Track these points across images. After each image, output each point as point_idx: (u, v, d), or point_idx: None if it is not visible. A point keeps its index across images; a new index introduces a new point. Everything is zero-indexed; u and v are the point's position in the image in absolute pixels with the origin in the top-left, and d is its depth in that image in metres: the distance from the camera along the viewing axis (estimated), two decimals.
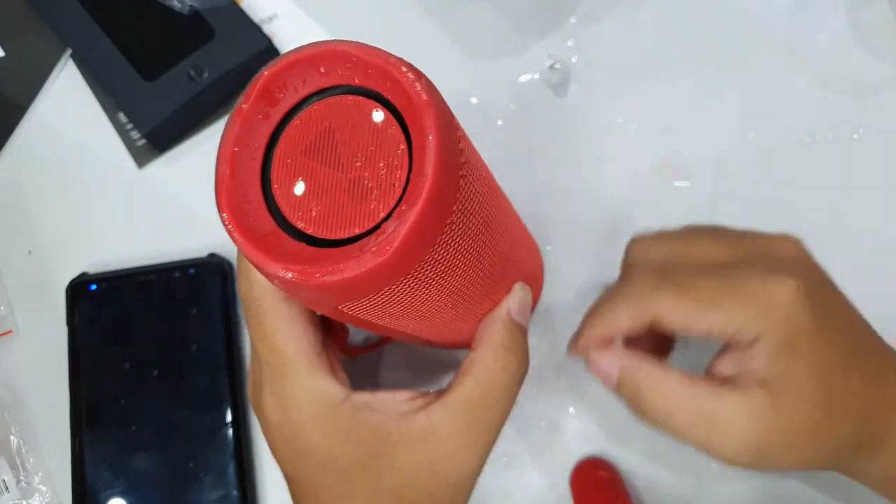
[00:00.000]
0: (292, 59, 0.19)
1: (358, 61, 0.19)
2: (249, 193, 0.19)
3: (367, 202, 0.18)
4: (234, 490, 0.34)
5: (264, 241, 0.18)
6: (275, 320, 0.23)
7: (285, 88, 0.19)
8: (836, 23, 0.39)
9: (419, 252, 0.18)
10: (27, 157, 0.40)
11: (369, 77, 0.19)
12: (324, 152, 0.18)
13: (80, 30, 0.40)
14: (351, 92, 0.19)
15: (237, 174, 0.19)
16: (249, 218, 0.18)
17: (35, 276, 0.38)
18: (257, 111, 0.19)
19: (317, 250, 0.18)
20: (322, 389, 0.23)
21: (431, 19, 0.41)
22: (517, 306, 0.24)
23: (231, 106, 0.40)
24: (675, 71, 0.39)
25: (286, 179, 0.18)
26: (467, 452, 0.24)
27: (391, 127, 0.18)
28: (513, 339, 0.24)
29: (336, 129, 0.19)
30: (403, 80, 0.18)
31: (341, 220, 0.18)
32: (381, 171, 0.18)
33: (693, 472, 0.34)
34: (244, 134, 0.19)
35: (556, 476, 0.34)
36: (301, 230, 0.18)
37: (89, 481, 0.34)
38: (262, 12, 0.41)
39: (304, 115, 0.19)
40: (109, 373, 0.35)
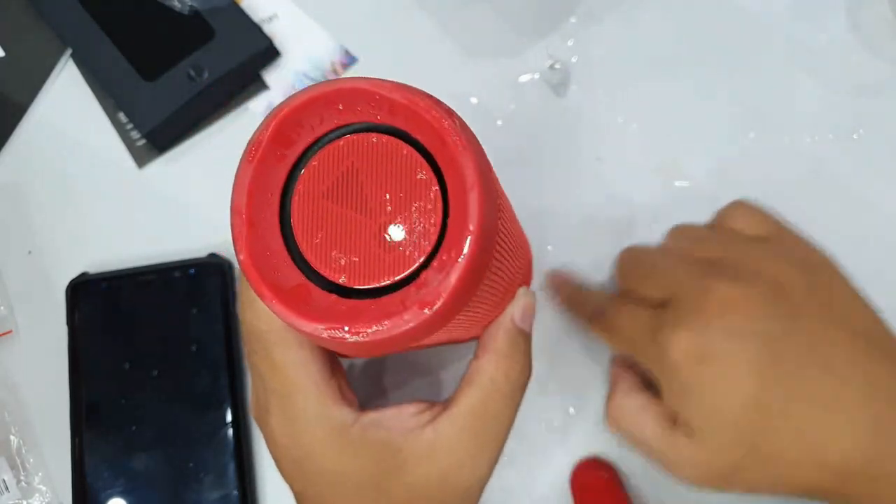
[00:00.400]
0: (308, 98, 0.18)
1: (381, 99, 0.17)
2: (271, 244, 0.17)
3: (399, 251, 0.17)
4: (233, 490, 0.34)
5: (294, 296, 0.17)
6: (284, 351, 0.23)
7: (301, 128, 0.18)
8: (836, 23, 0.39)
9: (464, 300, 0.17)
10: (27, 156, 0.40)
11: (394, 115, 0.17)
12: (347, 195, 0.17)
13: (80, 30, 0.40)
14: (373, 129, 0.18)
15: (256, 225, 0.17)
16: (275, 271, 0.17)
17: (35, 276, 0.38)
18: (272, 153, 0.18)
19: (351, 302, 0.17)
20: (332, 416, 0.23)
21: (431, 19, 0.41)
22: (521, 313, 0.24)
23: (232, 106, 0.40)
24: (675, 71, 0.39)
25: (309, 226, 0.17)
26: (475, 462, 0.24)
27: (421, 168, 0.17)
28: (515, 347, 0.24)
29: (359, 170, 0.17)
30: (436, 123, 0.17)
31: (373, 268, 0.17)
32: (414, 215, 0.17)
33: None
34: (259, 179, 0.18)
35: (556, 476, 0.34)
36: (330, 280, 0.17)
37: (89, 481, 0.34)
38: (262, 12, 0.41)
39: (323, 154, 0.18)
40: (109, 373, 0.35)
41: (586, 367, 0.35)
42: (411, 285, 0.17)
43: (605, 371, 0.35)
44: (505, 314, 0.24)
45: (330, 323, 0.17)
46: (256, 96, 0.40)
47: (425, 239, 0.17)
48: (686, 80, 0.39)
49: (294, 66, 0.41)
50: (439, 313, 0.16)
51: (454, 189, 0.17)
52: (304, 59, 0.41)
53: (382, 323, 0.16)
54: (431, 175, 0.17)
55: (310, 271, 0.17)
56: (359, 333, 0.16)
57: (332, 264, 0.17)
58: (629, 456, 0.34)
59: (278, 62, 0.41)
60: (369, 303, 0.17)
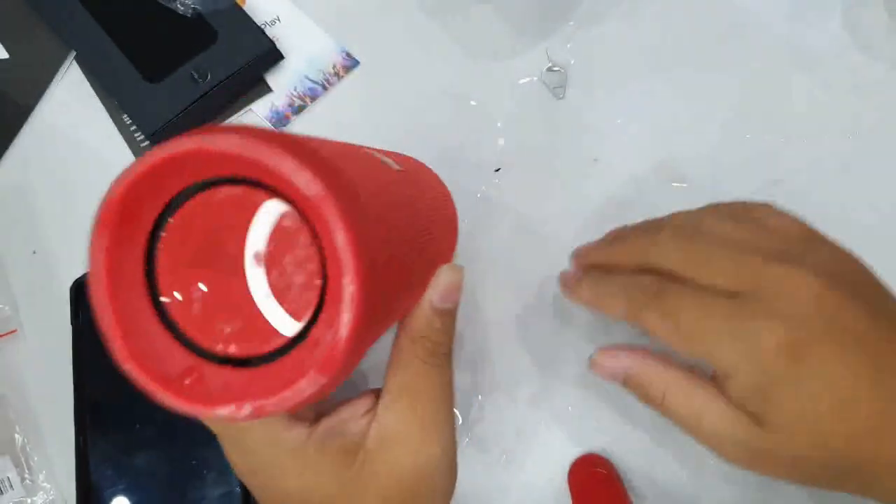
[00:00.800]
0: (141, 171, 0.15)
1: (212, 155, 0.15)
2: (149, 330, 0.16)
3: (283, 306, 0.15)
4: (236, 487, 0.34)
5: (185, 381, 0.15)
6: None
7: (143, 200, 0.16)
8: (833, 24, 0.39)
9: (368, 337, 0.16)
10: (32, 158, 0.40)
11: (236, 167, 0.15)
12: (214, 258, 0.16)
13: (83, 32, 0.40)
14: (221, 182, 0.16)
15: (127, 319, 0.16)
16: (160, 360, 0.16)
17: (40, 275, 0.39)
18: (121, 239, 0.16)
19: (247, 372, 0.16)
20: (283, 440, 0.23)
21: (431, 21, 0.41)
22: (439, 295, 0.23)
23: (235, 108, 0.40)
24: (673, 72, 0.39)
25: (183, 300, 0.16)
26: (423, 440, 0.24)
27: (285, 216, 0.15)
28: (429, 327, 0.24)
29: (220, 229, 0.16)
30: (282, 168, 0.15)
31: (260, 332, 0.16)
32: (288, 268, 0.15)
33: (690, 468, 0.34)
34: (115, 270, 0.16)
35: (554, 473, 0.34)
36: (219, 354, 0.16)
37: (93, 479, 0.34)
38: (264, 15, 0.42)
39: (175, 221, 0.16)
40: (113, 371, 0.35)
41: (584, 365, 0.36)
42: (306, 344, 0.15)
43: None
44: (423, 298, 0.23)
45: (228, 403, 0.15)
46: (259, 99, 0.40)
47: (308, 290, 0.15)
48: (683, 81, 0.39)
49: (296, 69, 0.41)
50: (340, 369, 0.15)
51: (322, 231, 0.15)
52: (307, 61, 0.41)
53: (283, 393, 0.15)
54: (298, 220, 0.15)
55: (196, 349, 0.16)
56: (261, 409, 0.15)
57: (217, 336, 0.16)
58: (627, 453, 0.34)
59: (281, 65, 0.41)
60: (265, 369, 0.16)
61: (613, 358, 0.28)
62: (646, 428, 0.35)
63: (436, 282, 0.23)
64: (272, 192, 0.15)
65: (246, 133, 0.15)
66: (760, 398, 0.24)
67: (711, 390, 0.26)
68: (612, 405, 0.35)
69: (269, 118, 0.40)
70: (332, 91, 0.40)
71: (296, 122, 0.40)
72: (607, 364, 0.28)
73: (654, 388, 0.27)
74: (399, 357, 0.24)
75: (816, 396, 0.24)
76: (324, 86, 0.41)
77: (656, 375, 0.27)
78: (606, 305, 0.29)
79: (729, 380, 0.25)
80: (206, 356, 0.16)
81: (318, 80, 0.41)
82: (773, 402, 0.24)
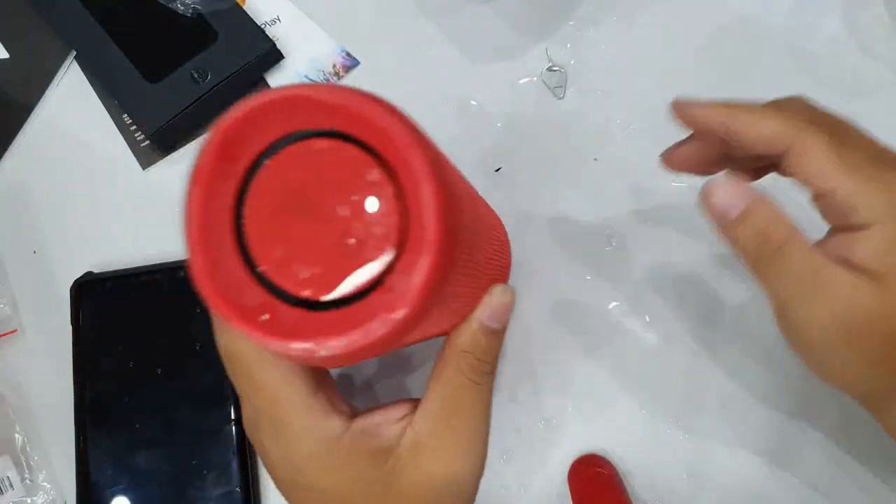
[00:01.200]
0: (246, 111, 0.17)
1: (318, 104, 0.17)
2: (229, 265, 0.17)
3: (361, 255, 0.16)
4: (236, 487, 0.34)
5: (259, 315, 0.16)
6: (265, 369, 0.22)
7: (243, 143, 0.17)
8: (833, 24, 0.40)
9: (432, 300, 0.17)
10: (32, 157, 0.40)
11: (335, 119, 0.17)
12: (301, 206, 0.17)
13: (84, 32, 0.40)
14: (316, 135, 0.17)
15: (211, 247, 0.17)
16: (237, 293, 0.17)
17: (40, 275, 0.39)
18: (218, 173, 0.17)
19: (319, 315, 0.16)
20: (321, 429, 0.23)
21: (431, 22, 0.41)
22: (489, 313, 0.23)
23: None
24: (672, 72, 0.39)
25: (266, 242, 0.17)
26: (457, 455, 0.24)
27: (371, 169, 0.16)
28: (476, 343, 0.24)
29: (308, 179, 0.17)
30: (378, 121, 0.16)
31: (336, 278, 0.16)
32: (371, 218, 0.16)
33: (690, 469, 0.34)
34: (209, 201, 0.17)
35: (554, 473, 0.34)
36: (294, 295, 0.17)
37: (93, 479, 0.34)
38: (264, 15, 0.42)
39: (269, 167, 0.17)
40: (114, 371, 0.35)
41: (584, 365, 0.36)
42: (377, 291, 0.16)
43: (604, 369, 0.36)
44: (472, 316, 0.23)
45: (298, 339, 0.16)
46: None
47: (386, 241, 0.16)
48: (683, 81, 0.39)
49: (297, 69, 0.41)
50: (408, 318, 0.16)
51: (408, 186, 0.16)
52: (307, 61, 0.41)
53: (351, 334, 0.16)
54: (384, 175, 0.16)
55: (273, 288, 0.17)
56: (328, 347, 0.16)
57: (294, 279, 0.16)
58: (627, 453, 0.34)
59: (281, 64, 0.41)
60: (336, 314, 0.16)
61: (736, 186, 0.24)
62: (646, 428, 0.35)
63: (487, 300, 0.23)
64: (363, 148, 0.17)
65: (347, 89, 0.17)
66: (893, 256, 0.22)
67: (835, 243, 0.24)
68: (613, 405, 0.35)
69: None
70: None
71: None
72: (728, 191, 0.24)
73: (778, 231, 0.23)
74: (443, 370, 0.24)
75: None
76: None
77: (782, 219, 0.24)
78: (746, 122, 0.25)
79: (867, 231, 0.23)
80: (280, 296, 0.17)
81: (319, 79, 0.41)
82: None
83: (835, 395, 0.34)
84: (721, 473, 0.34)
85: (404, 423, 0.24)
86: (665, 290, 0.37)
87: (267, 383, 0.23)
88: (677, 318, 0.36)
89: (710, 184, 0.25)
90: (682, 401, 0.35)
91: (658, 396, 0.35)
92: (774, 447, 0.34)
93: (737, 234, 0.24)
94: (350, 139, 0.17)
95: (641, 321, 0.36)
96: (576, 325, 0.36)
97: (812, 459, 0.34)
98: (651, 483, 0.34)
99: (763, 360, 0.35)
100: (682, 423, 0.35)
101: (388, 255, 0.16)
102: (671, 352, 0.36)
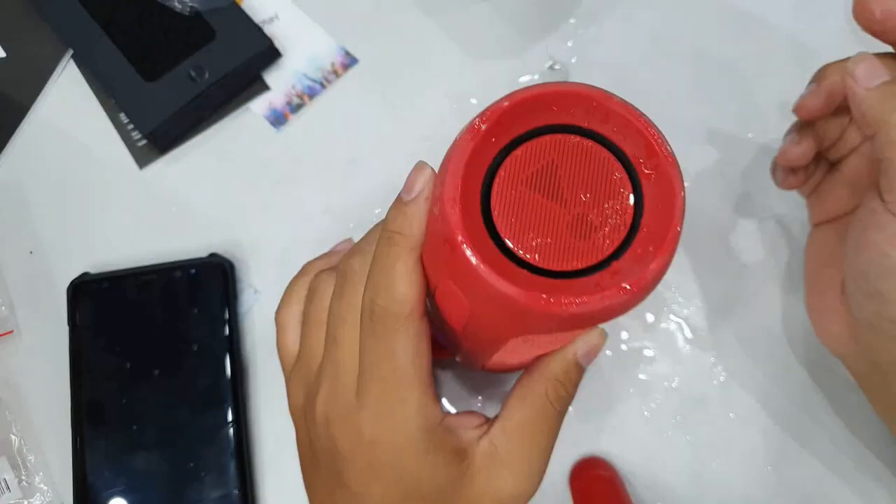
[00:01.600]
0: (529, 95, 0.20)
1: (597, 106, 0.20)
2: (473, 216, 0.19)
3: (592, 239, 0.19)
4: (234, 489, 0.34)
5: (494, 264, 0.18)
6: (406, 339, 0.23)
7: (515, 120, 0.20)
8: (836, 23, 0.39)
9: (652, 288, 0.19)
10: (29, 157, 0.40)
11: (605, 122, 0.20)
12: (546, 185, 0.19)
13: (81, 30, 0.40)
14: (577, 132, 0.20)
15: (465, 195, 0.19)
16: (479, 245, 0.19)
17: (36, 275, 0.38)
18: (487, 138, 0.19)
19: (542, 280, 0.18)
20: (430, 411, 0.24)
21: (431, 20, 0.41)
22: (585, 350, 0.24)
23: (232, 107, 0.40)
24: (674, 71, 0.39)
25: (507, 206, 0.19)
26: (525, 476, 0.25)
27: (617, 171, 0.19)
28: (567, 376, 0.25)
29: (559, 165, 0.19)
30: (647, 133, 0.19)
31: (565, 253, 0.19)
32: (608, 211, 0.19)
33: (691, 471, 0.34)
34: (474, 157, 0.19)
35: (555, 475, 0.34)
36: (523, 258, 0.19)
37: (90, 480, 0.34)
38: (262, 13, 0.41)
39: (529, 146, 0.19)
40: (110, 372, 0.35)
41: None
42: (605, 271, 0.18)
43: (605, 370, 0.35)
44: (569, 347, 0.24)
45: (530, 291, 0.18)
46: (257, 97, 0.40)
47: (617, 234, 0.19)
48: (685, 80, 0.39)
49: (295, 67, 0.41)
50: (636, 295, 0.18)
51: (654, 194, 0.19)
52: (305, 59, 0.41)
53: (582, 297, 0.18)
54: (626, 179, 0.19)
55: (504, 248, 0.19)
56: (560, 304, 0.18)
57: (525, 244, 0.19)
58: (628, 455, 0.34)
59: (279, 63, 0.41)
60: (561, 282, 0.18)
61: (874, 66, 0.26)
62: (648, 430, 0.35)
63: (586, 338, 0.24)
64: (611, 151, 0.19)
65: (616, 97, 0.20)
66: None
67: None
68: (614, 407, 0.35)
69: (268, 117, 0.40)
70: (331, 89, 0.40)
71: (294, 121, 0.40)
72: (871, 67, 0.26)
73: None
74: (528, 392, 0.25)
75: None
76: (322, 84, 0.40)
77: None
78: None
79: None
80: (509, 257, 0.19)
81: (317, 78, 0.40)
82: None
83: (836, 398, 0.34)
84: (722, 476, 0.34)
85: (479, 432, 0.25)
86: (666, 290, 0.36)
87: (405, 350, 0.23)
88: (678, 318, 0.36)
89: (857, 58, 0.27)
90: (682, 402, 0.35)
91: (659, 398, 0.35)
92: (776, 449, 0.34)
93: (867, 101, 0.26)
94: (605, 144, 0.19)
95: (642, 322, 0.36)
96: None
97: (813, 461, 0.34)
98: (652, 485, 0.34)
99: (764, 360, 0.35)
100: (684, 425, 0.34)
101: (616, 244, 0.19)
102: (672, 352, 0.35)
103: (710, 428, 0.34)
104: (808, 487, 0.34)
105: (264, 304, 0.37)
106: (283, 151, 0.39)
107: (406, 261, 0.22)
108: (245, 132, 0.40)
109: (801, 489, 0.34)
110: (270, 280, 0.37)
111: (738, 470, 0.34)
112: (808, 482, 0.34)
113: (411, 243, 0.22)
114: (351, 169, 0.39)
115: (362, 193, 0.38)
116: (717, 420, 0.34)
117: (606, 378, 0.35)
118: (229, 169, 0.39)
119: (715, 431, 0.34)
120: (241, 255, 0.38)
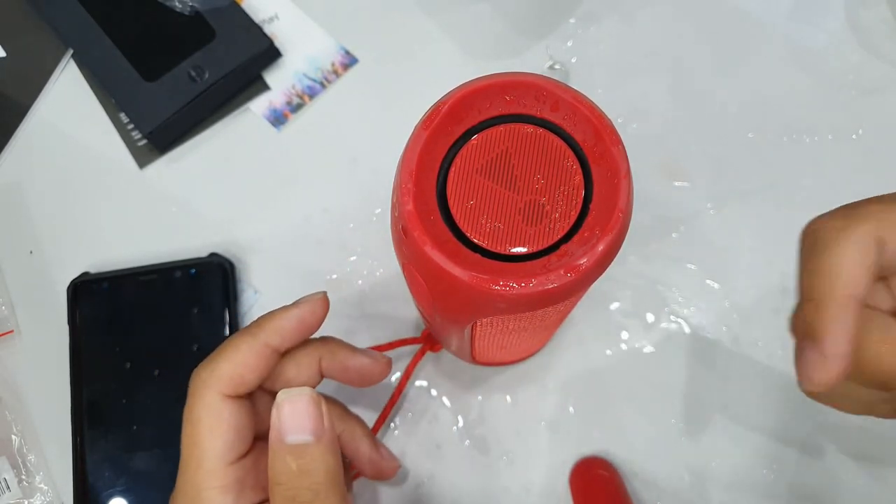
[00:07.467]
0: (483, 85, 0.20)
1: (547, 94, 0.20)
2: (428, 203, 0.20)
3: (542, 223, 0.19)
4: None
5: (445, 248, 0.19)
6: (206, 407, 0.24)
7: (470, 110, 0.20)
8: (836, 23, 0.39)
9: (598, 272, 0.20)
10: (29, 156, 0.40)
11: (555, 110, 0.20)
12: (499, 173, 0.20)
13: (81, 31, 0.40)
14: (530, 122, 0.20)
15: (419, 184, 0.20)
16: (431, 226, 0.19)
17: (36, 275, 0.38)
18: (443, 127, 0.20)
19: (493, 263, 0.19)
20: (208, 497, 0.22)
21: (430, 19, 0.41)
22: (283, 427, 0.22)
23: (232, 106, 0.40)
24: (674, 71, 0.39)
25: (462, 194, 0.20)
26: None
27: (569, 159, 0.20)
28: (284, 469, 0.22)
29: (512, 153, 0.20)
30: (596, 120, 0.20)
31: (516, 237, 0.19)
32: (558, 197, 0.19)
33: (691, 471, 0.34)
34: (428, 146, 0.20)
35: (555, 475, 0.34)
36: (475, 242, 0.19)
37: (90, 480, 0.34)
38: (262, 13, 0.41)
39: (483, 135, 0.20)
40: (110, 372, 0.35)
41: (586, 366, 0.35)
42: (553, 255, 0.19)
43: (605, 370, 0.35)
44: (271, 433, 0.22)
45: (478, 274, 0.19)
46: (257, 97, 0.40)
47: (566, 218, 0.19)
48: (685, 80, 0.39)
49: (295, 67, 0.41)
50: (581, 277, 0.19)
51: (602, 178, 0.19)
52: (305, 59, 0.41)
53: (529, 280, 0.18)
54: (577, 165, 0.20)
55: (457, 233, 0.19)
56: (502, 285, 0.18)
57: (478, 229, 0.19)
58: (628, 455, 0.34)
59: (279, 62, 0.41)
60: (511, 266, 0.19)
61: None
62: (648, 430, 0.35)
63: (275, 413, 0.23)
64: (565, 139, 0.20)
65: (567, 86, 0.20)
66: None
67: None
68: (615, 407, 0.35)
69: (268, 117, 0.40)
70: (331, 89, 0.40)
71: (294, 121, 0.40)
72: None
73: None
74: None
75: None
76: (322, 84, 0.40)
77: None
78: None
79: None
80: (463, 241, 0.19)
81: (317, 77, 0.40)
82: None
83: None
84: (722, 475, 0.34)
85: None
86: (666, 290, 0.36)
87: (202, 419, 0.23)
88: (678, 318, 0.36)
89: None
90: (683, 402, 0.35)
91: (659, 398, 0.35)
92: (776, 449, 0.34)
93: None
94: (557, 132, 0.20)
95: (643, 322, 0.36)
96: (577, 325, 0.36)
97: (812, 461, 0.34)
98: (652, 485, 0.34)
99: (764, 361, 0.35)
100: (684, 425, 0.34)
101: (565, 228, 0.19)
102: (672, 353, 0.35)
103: (711, 428, 0.34)
104: (809, 488, 0.34)
105: (264, 304, 0.37)
106: (283, 151, 0.39)
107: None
108: (245, 132, 0.40)
109: (802, 489, 0.34)
110: (270, 280, 0.37)
111: (739, 470, 0.34)
112: (808, 482, 0.34)
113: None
114: (351, 168, 0.39)
115: (362, 193, 0.38)
116: (717, 420, 0.34)
117: (606, 378, 0.35)
118: (229, 169, 0.39)
119: (715, 431, 0.34)
120: (241, 255, 0.38)
